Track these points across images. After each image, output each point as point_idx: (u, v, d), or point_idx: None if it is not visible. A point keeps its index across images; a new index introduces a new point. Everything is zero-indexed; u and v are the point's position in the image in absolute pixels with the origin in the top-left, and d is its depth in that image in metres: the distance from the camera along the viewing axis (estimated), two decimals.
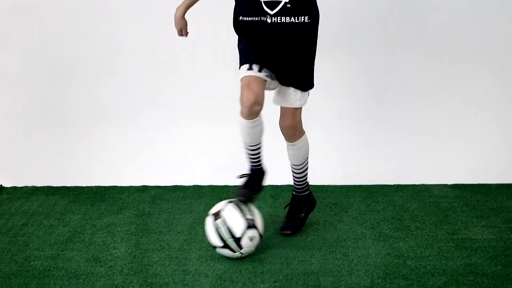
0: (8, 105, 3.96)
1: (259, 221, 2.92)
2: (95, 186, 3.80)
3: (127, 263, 2.88)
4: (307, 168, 3.10)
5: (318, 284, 2.66)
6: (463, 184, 3.68)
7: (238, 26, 2.85)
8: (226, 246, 2.85)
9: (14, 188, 3.82)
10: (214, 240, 2.88)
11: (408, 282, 2.66)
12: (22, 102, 3.96)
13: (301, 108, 2.93)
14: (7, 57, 3.89)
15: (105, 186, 3.78)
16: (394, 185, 3.68)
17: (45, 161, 3.94)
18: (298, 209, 3.17)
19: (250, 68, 2.77)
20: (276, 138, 3.67)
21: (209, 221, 2.92)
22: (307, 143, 3.03)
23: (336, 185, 3.67)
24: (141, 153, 3.94)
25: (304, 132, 3.01)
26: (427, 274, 2.72)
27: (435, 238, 3.04)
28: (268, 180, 3.72)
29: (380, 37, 3.78)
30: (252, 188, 3.02)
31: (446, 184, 3.69)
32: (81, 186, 3.80)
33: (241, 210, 2.90)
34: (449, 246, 2.96)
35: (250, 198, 2.98)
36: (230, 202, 2.95)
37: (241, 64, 2.81)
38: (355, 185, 3.69)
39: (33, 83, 3.92)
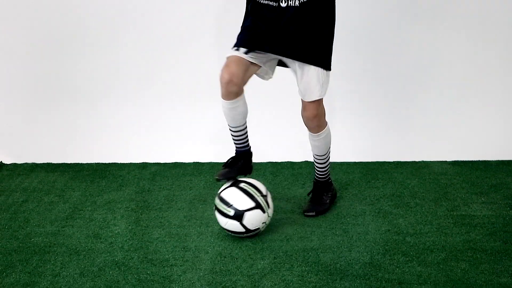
0: (7, 81, 3.94)
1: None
2: (95, 163, 3.80)
3: (127, 240, 2.89)
4: (329, 157, 3.06)
5: (318, 261, 2.67)
6: (463, 160, 3.68)
7: (252, 4, 2.77)
8: (258, 206, 2.81)
9: (14, 164, 3.82)
10: (244, 202, 2.80)
11: (407, 258, 2.67)
12: (21, 79, 3.94)
13: (322, 99, 2.85)
14: (5, 33, 3.86)
15: (105, 163, 3.78)
16: (394, 162, 3.68)
17: (45, 138, 3.94)
18: (322, 193, 3.12)
19: (236, 50, 2.74)
20: (276, 116, 3.66)
21: (231, 189, 2.85)
22: (329, 133, 2.98)
23: (336, 162, 3.66)
24: (141, 130, 3.93)
25: (326, 122, 2.94)
26: (426, 250, 2.73)
27: (434, 215, 3.05)
28: (268, 157, 3.73)
29: (387, 19, 3.73)
30: (232, 168, 2.92)
31: (446, 161, 3.68)
32: (81, 163, 3.80)
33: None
34: (449, 222, 2.97)
35: (227, 178, 2.90)
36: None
37: (233, 46, 2.79)
38: (355, 162, 3.69)
39: (33, 60, 3.89)
